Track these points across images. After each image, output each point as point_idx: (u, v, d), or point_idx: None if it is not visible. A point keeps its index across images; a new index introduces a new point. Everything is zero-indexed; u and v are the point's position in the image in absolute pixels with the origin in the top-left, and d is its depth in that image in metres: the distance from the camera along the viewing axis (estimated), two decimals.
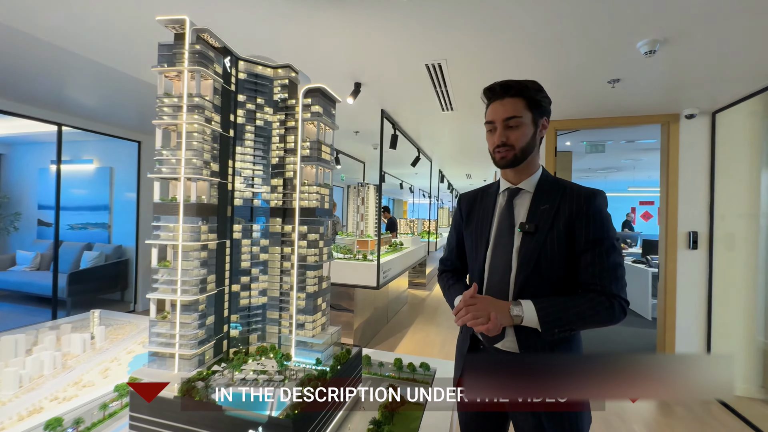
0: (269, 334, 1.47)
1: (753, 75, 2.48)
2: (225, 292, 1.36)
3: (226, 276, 1.36)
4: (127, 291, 5.38)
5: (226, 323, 1.37)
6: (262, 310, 1.47)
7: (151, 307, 1.21)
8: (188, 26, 1.18)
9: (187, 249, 1.19)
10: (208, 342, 1.26)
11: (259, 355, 1.36)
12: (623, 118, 3.46)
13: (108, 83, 3.12)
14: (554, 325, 0.96)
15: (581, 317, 0.97)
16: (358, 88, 2.82)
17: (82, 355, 1.84)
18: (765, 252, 2.98)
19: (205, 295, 1.23)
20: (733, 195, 3.14)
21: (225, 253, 1.35)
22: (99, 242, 5.49)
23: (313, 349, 1.40)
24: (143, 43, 2.26)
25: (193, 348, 1.19)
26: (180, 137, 1.20)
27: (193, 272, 1.19)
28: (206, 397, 1.08)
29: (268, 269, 1.47)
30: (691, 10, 1.74)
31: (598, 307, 0.97)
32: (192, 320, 1.19)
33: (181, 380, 1.12)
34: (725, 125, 3.17)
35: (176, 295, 1.17)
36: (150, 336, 1.20)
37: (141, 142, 5.22)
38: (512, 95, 1.06)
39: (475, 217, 1.23)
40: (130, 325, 2.38)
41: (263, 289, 1.47)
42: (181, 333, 1.18)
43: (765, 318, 2.98)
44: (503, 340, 1.09)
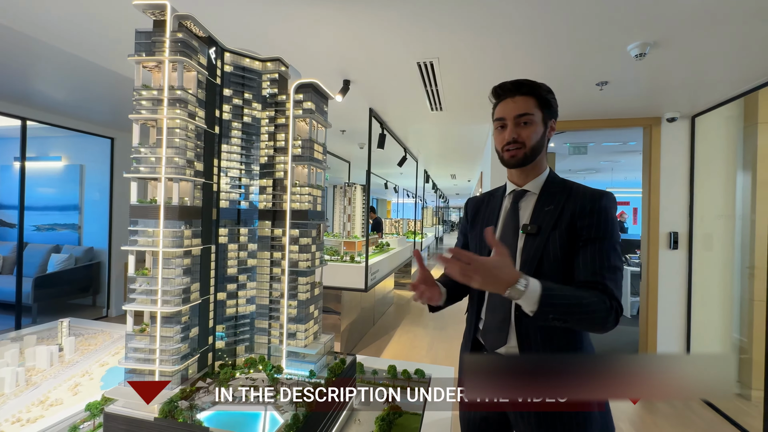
0: (258, 345, 1.38)
1: (731, 81, 2.55)
2: (210, 301, 1.26)
3: (211, 284, 1.26)
4: (99, 296, 5.10)
5: (211, 334, 1.28)
6: (250, 319, 1.37)
7: (128, 319, 1.10)
8: (169, 12, 1.08)
9: (169, 255, 1.09)
10: (191, 356, 1.16)
11: (247, 368, 1.27)
12: (608, 120, 3.52)
13: (78, 75, 2.91)
14: (552, 309, 0.87)
15: (580, 311, 0.89)
16: (347, 86, 2.74)
17: (49, 370, 1.69)
18: (740, 252, 3.09)
19: (189, 305, 1.13)
20: (711, 197, 3.25)
21: (210, 259, 1.25)
22: (68, 244, 5.18)
23: (306, 360, 1.32)
24: (118, 31, 2.09)
25: (175, 363, 1.09)
26: (160, 133, 1.09)
27: (176, 281, 1.10)
28: (191, 419, 0.99)
29: (256, 276, 1.38)
30: (680, 15, 1.75)
31: (598, 305, 0.89)
32: (174, 333, 1.09)
33: (163, 400, 1.03)
34: (704, 129, 3.27)
35: (156, 307, 1.07)
36: (127, 351, 1.09)
37: (114, 139, 4.95)
38: (524, 93, 1.03)
39: (480, 220, 1.20)
40: (102, 334, 2.22)
41: (251, 297, 1.37)
42: (162, 347, 1.08)
43: (740, 316, 3.09)
44: (505, 345, 1.05)
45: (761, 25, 1.81)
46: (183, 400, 1.04)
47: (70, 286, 4.80)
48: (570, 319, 0.88)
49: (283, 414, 1.04)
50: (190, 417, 0.99)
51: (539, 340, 0.99)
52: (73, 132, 4.51)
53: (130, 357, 1.09)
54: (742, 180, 3.07)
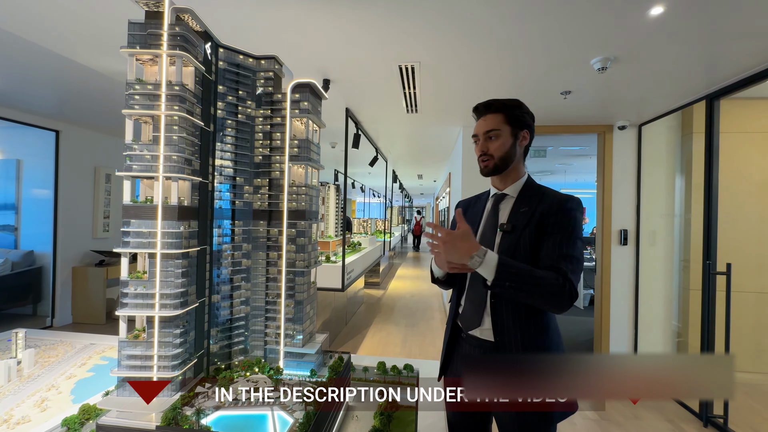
0: (253, 347, 1.36)
1: (672, 95, 2.88)
2: (206, 304, 1.22)
3: (206, 286, 1.22)
4: (41, 304, 4.62)
5: (207, 338, 1.24)
6: (245, 321, 1.35)
7: (120, 325, 1.04)
8: (167, 4, 1.04)
9: (167, 257, 1.04)
10: (189, 361, 1.12)
11: (244, 371, 1.25)
12: (568, 126, 3.81)
13: (16, 58, 2.56)
14: (508, 277, 0.98)
15: (533, 282, 1.00)
16: (327, 85, 2.73)
17: (7, 385, 1.54)
18: (678, 247, 3.49)
19: (186, 309, 1.10)
20: (654, 197, 3.63)
21: (205, 260, 1.22)
22: (3, 247, 4.65)
23: (304, 360, 1.32)
24: (66, 12, 1.89)
25: (174, 369, 1.05)
26: (156, 130, 1.05)
27: (174, 283, 1.06)
28: (197, 424, 0.96)
29: (251, 276, 1.36)
30: (637, 35, 1.96)
31: (552, 281, 1.00)
32: (172, 338, 1.05)
33: (162, 407, 0.99)
34: (649, 136, 3.64)
35: (154, 311, 1.03)
36: (120, 359, 1.03)
37: (60, 132, 4.51)
38: (492, 111, 1.19)
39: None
40: (62, 344, 2.04)
41: (246, 299, 1.35)
42: (160, 353, 1.04)
43: (678, 304, 3.49)
44: (479, 327, 1.18)
45: (698, 47, 2.07)
46: (185, 406, 1.01)
47: (6, 294, 4.31)
48: (524, 288, 1.00)
49: (292, 414, 1.05)
50: (196, 422, 0.96)
51: (511, 322, 1.12)
52: (10, 123, 4.05)
53: (124, 365, 1.03)
54: (680, 182, 3.46)
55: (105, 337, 2.18)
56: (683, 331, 3.45)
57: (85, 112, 4.09)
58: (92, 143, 4.91)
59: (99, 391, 1.41)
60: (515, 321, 1.12)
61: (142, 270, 1.06)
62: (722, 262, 2.65)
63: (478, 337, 1.19)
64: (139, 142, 1.06)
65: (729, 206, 3.15)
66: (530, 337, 1.11)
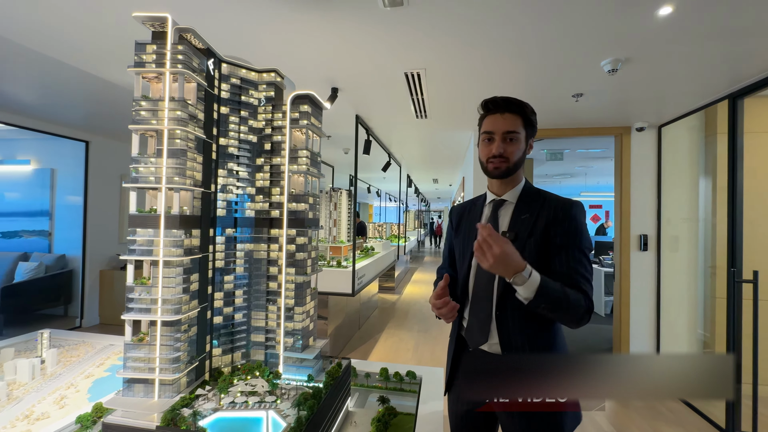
0: (254, 352, 1.39)
1: (693, 94, 2.77)
2: (207, 309, 1.27)
3: (208, 291, 1.27)
4: (71, 305, 4.88)
5: (208, 342, 1.29)
6: (247, 326, 1.39)
7: (126, 328, 1.10)
8: (170, 25, 1.10)
9: (170, 264, 1.10)
10: (190, 364, 1.17)
11: (244, 375, 1.29)
12: (582, 129, 3.71)
13: (50, 76, 2.80)
14: (545, 299, 0.96)
15: (567, 305, 0.98)
16: (335, 94, 2.79)
17: (31, 383, 1.64)
18: (703, 253, 3.32)
19: (188, 314, 1.14)
20: (676, 201, 3.48)
21: (207, 267, 1.27)
22: (38, 251, 4.94)
23: (303, 365, 1.35)
24: (93, 33, 2.05)
25: (175, 372, 1.10)
26: (160, 143, 1.11)
27: (176, 289, 1.11)
28: (194, 426, 1.00)
29: (252, 282, 1.40)
30: (646, 35, 1.91)
31: (579, 303, 1.00)
32: (174, 341, 1.10)
33: (163, 408, 1.03)
34: (670, 138, 3.51)
35: (157, 315, 1.08)
36: (125, 361, 1.09)
37: (89, 142, 4.78)
38: (513, 111, 1.12)
39: (464, 227, 1.29)
40: (84, 345, 2.16)
41: (247, 304, 1.39)
42: (162, 356, 1.09)
43: (704, 312, 3.31)
44: (487, 342, 1.14)
45: (716, 45, 1.98)
46: (184, 408, 1.05)
47: (40, 296, 4.58)
48: (557, 310, 0.99)
49: (286, 418, 1.07)
50: (194, 424, 1.00)
51: (519, 337, 1.09)
52: (44, 135, 4.33)
53: (129, 366, 1.09)
54: (704, 185, 3.31)
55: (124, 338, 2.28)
56: (710, 341, 3.27)
57: (111, 123, 4.33)
58: (118, 152, 5.17)
59: (113, 390, 1.48)
60: (522, 333, 1.09)
61: (147, 276, 1.12)
62: (748, 269, 2.51)
63: (486, 351, 1.15)
64: (145, 155, 1.12)
65: (756, 210, 2.98)
66: (538, 347, 1.09)
